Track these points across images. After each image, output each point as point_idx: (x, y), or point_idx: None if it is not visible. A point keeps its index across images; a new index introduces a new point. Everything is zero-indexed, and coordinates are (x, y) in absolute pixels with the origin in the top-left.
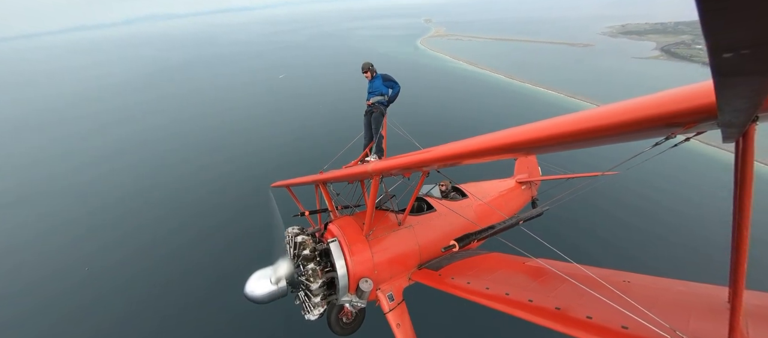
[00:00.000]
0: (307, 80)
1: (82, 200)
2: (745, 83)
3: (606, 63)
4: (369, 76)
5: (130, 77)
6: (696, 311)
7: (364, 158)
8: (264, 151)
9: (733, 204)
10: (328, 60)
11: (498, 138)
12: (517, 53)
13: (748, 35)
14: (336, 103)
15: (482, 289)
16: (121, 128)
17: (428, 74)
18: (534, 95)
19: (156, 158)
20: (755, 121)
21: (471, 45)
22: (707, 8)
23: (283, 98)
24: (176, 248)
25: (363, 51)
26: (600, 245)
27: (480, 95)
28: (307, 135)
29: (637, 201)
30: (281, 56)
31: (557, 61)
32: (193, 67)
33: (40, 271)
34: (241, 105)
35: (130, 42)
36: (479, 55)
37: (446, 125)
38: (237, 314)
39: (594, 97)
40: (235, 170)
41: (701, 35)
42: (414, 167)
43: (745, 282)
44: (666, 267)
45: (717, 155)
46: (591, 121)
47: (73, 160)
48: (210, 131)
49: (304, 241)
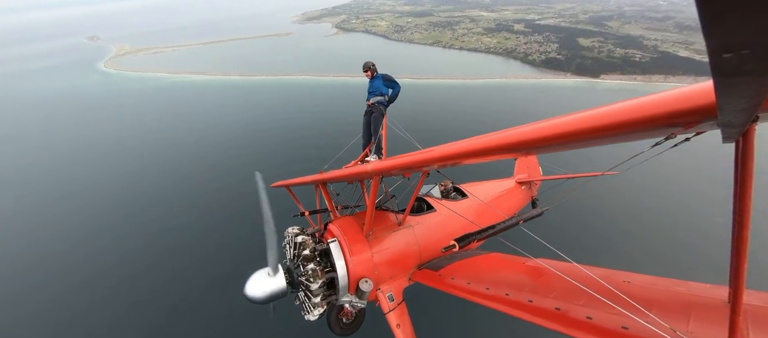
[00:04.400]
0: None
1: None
2: (745, 83)
3: (315, 43)
4: (369, 75)
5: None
6: (696, 311)
7: (364, 158)
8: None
9: (733, 204)
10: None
11: (498, 138)
12: (239, 52)
13: (748, 35)
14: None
15: (482, 289)
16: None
17: (161, 99)
18: (309, 84)
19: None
20: (755, 121)
21: (181, 54)
22: (707, 9)
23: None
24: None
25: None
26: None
27: (261, 103)
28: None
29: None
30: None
31: (280, 50)
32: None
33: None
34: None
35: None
36: (205, 63)
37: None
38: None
39: (336, 70)
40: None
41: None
42: (414, 167)
43: (746, 282)
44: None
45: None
46: (591, 121)
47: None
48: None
49: (304, 241)
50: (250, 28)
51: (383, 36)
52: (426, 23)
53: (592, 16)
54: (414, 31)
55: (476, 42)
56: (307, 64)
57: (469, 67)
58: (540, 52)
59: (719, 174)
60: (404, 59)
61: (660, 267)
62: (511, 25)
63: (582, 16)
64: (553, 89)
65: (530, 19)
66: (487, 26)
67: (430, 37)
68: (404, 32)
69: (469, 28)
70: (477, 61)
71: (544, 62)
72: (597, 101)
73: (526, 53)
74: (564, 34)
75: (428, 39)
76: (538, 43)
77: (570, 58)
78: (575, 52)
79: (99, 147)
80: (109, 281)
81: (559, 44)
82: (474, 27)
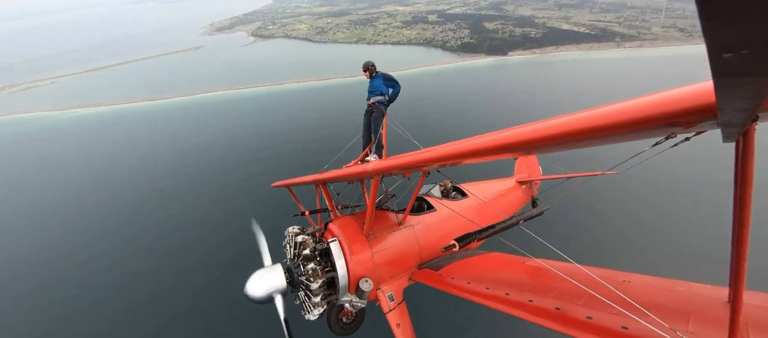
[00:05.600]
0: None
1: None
2: (745, 83)
3: (231, 55)
4: (369, 75)
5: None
6: (696, 311)
7: (364, 158)
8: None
9: (733, 204)
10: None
11: (498, 138)
12: (137, 74)
13: (748, 35)
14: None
15: (482, 289)
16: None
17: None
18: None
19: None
20: (755, 121)
21: (65, 85)
22: (707, 9)
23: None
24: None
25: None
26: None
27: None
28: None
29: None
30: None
31: (194, 67)
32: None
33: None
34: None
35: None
36: (99, 92)
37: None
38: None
39: (260, 82)
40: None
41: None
42: (414, 167)
43: (746, 282)
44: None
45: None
46: (591, 121)
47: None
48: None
49: (304, 241)
50: (155, 45)
51: (306, 39)
52: (346, 22)
53: (491, 3)
54: (336, 31)
55: (398, 35)
56: (236, 77)
57: (398, 59)
58: (455, 38)
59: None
60: (333, 59)
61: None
62: (425, 17)
63: (483, 3)
64: (473, 69)
65: (441, 10)
66: (404, 20)
67: (354, 35)
68: (327, 33)
69: (388, 23)
70: (402, 52)
71: (461, 47)
72: (509, 75)
73: (444, 41)
74: (472, 20)
75: (352, 37)
76: (452, 31)
77: (482, 41)
78: (484, 35)
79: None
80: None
81: (470, 30)
82: (393, 22)
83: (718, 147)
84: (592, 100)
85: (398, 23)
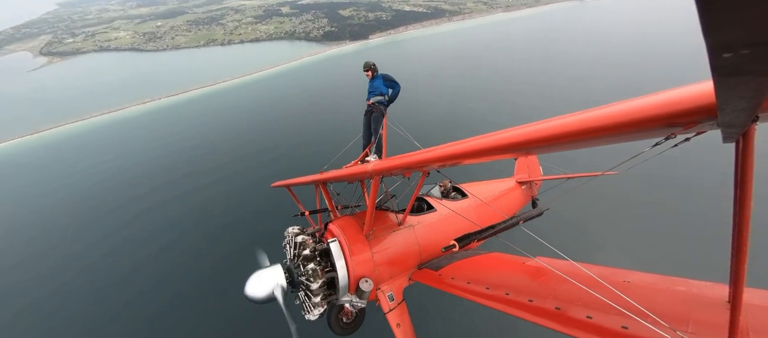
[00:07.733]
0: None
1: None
2: (745, 83)
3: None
4: (370, 75)
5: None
6: (696, 310)
7: (364, 158)
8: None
9: (733, 204)
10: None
11: (498, 138)
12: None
13: (748, 35)
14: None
15: (482, 289)
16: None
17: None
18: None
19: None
20: (755, 121)
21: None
22: (707, 8)
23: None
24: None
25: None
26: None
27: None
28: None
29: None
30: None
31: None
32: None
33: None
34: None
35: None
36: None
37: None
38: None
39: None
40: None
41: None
42: (414, 167)
43: (746, 282)
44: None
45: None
46: (591, 121)
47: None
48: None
49: (304, 241)
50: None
51: (134, 49)
52: (184, 23)
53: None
54: (173, 35)
55: (254, 32)
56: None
57: (265, 56)
58: (317, 28)
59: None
60: (183, 67)
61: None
62: (278, 10)
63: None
64: (342, 56)
65: (293, 1)
66: (255, 15)
67: (201, 37)
68: (162, 39)
69: (238, 20)
70: (266, 49)
71: (325, 36)
72: (370, 57)
73: (306, 32)
74: (326, 9)
75: (199, 39)
76: (310, 22)
77: (342, 29)
78: (343, 22)
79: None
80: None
81: (328, 19)
82: (242, 18)
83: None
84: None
85: (250, 19)
